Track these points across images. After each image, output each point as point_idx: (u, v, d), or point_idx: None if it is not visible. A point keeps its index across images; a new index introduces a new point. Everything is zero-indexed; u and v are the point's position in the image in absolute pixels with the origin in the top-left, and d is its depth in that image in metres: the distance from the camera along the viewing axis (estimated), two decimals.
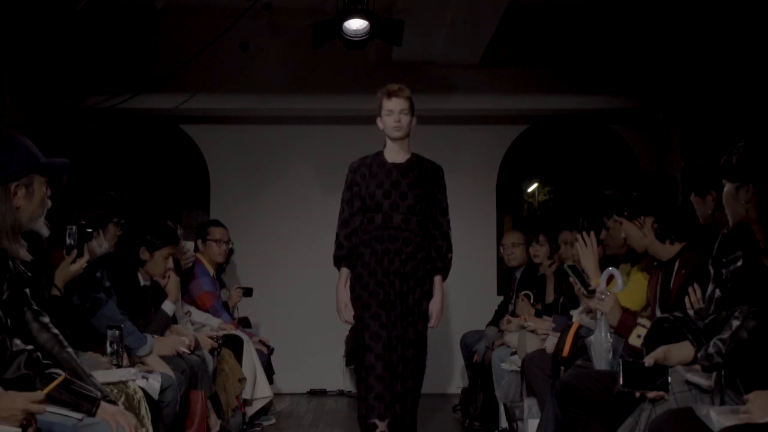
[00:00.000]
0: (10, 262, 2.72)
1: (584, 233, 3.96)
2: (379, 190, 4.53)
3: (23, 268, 2.80)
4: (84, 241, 3.44)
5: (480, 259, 7.57)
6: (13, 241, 2.72)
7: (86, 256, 3.45)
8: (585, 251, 3.94)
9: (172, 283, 4.66)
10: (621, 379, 2.76)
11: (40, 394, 2.39)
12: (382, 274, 4.48)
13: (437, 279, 4.59)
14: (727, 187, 2.80)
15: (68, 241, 3.39)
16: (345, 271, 4.59)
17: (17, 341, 2.62)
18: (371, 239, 4.52)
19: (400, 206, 4.51)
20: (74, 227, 3.39)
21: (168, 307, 4.62)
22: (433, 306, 4.56)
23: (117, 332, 3.65)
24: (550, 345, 4.36)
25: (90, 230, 3.51)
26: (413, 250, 4.51)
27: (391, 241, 4.50)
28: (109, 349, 3.62)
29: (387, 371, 4.42)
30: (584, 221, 4.09)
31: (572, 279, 3.76)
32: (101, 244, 3.92)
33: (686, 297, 3.24)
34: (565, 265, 4.13)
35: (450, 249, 4.62)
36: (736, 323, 2.63)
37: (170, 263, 4.69)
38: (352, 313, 4.52)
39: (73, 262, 3.41)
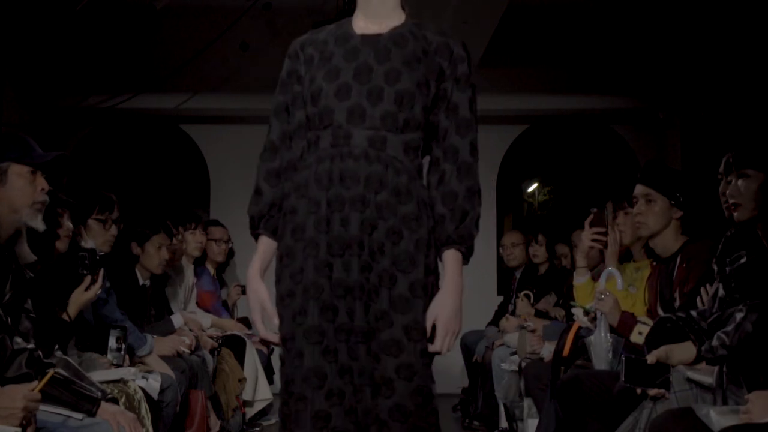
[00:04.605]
0: (14, 264, 2.72)
1: (610, 229, 3.93)
2: (329, 84, 2.31)
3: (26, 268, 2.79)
4: (97, 266, 3.43)
5: (480, 259, 7.51)
6: None
7: (100, 282, 3.44)
8: (612, 248, 3.91)
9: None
10: (623, 374, 2.77)
11: (36, 393, 2.39)
12: (328, 250, 2.25)
13: (449, 256, 2.33)
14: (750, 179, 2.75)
15: (81, 270, 3.40)
16: (265, 242, 2.52)
17: (18, 339, 2.62)
18: (310, 180, 2.31)
19: (368, 114, 2.29)
20: (85, 254, 3.40)
21: (177, 320, 4.67)
22: (437, 309, 2.27)
23: (121, 332, 3.66)
24: (547, 353, 4.36)
25: (100, 254, 3.51)
26: (390, 199, 2.27)
27: (344, 184, 2.27)
28: (114, 346, 3.62)
29: None
30: (598, 212, 3.99)
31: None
32: (85, 241, 3.91)
33: (698, 297, 3.21)
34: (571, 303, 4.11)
35: (476, 198, 2.46)
36: (740, 315, 2.62)
37: (164, 253, 4.66)
38: (276, 321, 2.34)
39: (87, 289, 3.42)
